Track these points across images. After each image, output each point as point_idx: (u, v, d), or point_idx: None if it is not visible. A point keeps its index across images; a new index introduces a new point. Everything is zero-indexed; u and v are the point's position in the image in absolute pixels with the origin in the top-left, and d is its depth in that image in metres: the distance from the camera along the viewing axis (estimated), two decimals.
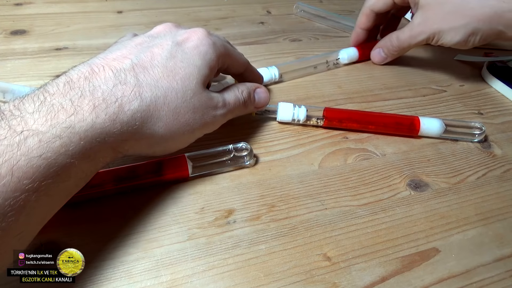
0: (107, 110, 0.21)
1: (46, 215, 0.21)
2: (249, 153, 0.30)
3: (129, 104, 0.22)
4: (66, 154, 0.20)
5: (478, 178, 0.32)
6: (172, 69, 0.25)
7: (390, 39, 0.43)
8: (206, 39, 0.27)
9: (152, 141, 0.24)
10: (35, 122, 0.19)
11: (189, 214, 0.27)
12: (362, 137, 0.35)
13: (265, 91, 0.33)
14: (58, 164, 0.19)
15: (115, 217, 0.26)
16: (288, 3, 0.60)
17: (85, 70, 0.23)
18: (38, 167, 0.18)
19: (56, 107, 0.20)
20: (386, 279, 0.24)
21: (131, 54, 0.25)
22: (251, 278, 0.23)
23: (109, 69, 0.23)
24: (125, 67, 0.23)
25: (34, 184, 0.18)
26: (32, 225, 0.20)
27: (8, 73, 0.39)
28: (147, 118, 0.23)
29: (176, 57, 0.25)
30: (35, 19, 0.49)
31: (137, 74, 0.23)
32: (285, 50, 0.48)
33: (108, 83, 0.22)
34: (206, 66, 0.26)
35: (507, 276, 0.25)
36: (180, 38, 0.26)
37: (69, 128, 0.20)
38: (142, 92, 0.23)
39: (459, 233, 0.28)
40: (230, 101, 0.29)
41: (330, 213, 0.28)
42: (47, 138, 0.19)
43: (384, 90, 0.42)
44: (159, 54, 0.25)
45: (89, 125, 0.20)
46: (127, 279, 0.23)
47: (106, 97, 0.22)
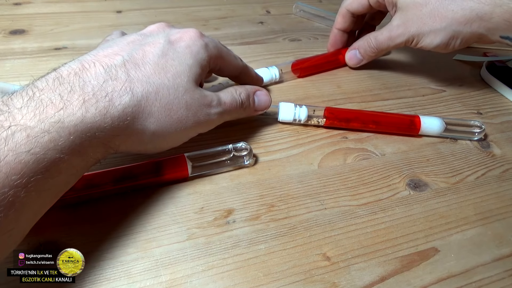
0: (97, 105, 0.21)
1: (37, 212, 0.21)
2: (249, 153, 0.30)
3: (120, 99, 0.22)
4: (55, 149, 0.19)
5: (477, 178, 0.33)
6: (164, 67, 0.25)
7: (367, 40, 0.42)
8: (198, 40, 0.27)
9: (143, 137, 0.24)
10: (23, 117, 0.19)
11: (188, 214, 0.27)
12: (361, 137, 0.35)
13: (266, 93, 0.33)
14: (47, 159, 0.19)
15: (115, 217, 0.26)
16: (287, 3, 0.60)
17: (76, 66, 0.22)
18: (26, 163, 0.18)
19: (45, 102, 0.20)
20: (385, 278, 0.24)
21: (122, 51, 0.25)
22: (250, 278, 0.24)
23: (100, 65, 0.23)
24: (116, 63, 0.23)
25: (23, 180, 0.18)
26: (22, 222, 0.19)
27: (7, 73, 0.39)
28: (138, 113, 0.23)
29: (168, 55, 0.25)
30: (34, 19, 0.49)
31: (128, 70, 0.23)
32: (284, 50, 0.48)
33: (99, 79, 0.22)
34: (198, 65, 0.26)
35: (506, 275, 0.25)
36: (173, 38, 0.27)
37: (58, 123, 0.20)
38: (133, 87, 0.23)
39: (458, 232, 0.28)
40: (226, 100, 0.29)
41: (329, 213, 0.28)
42: (35, 133, 0.19)
43: (384, 90, 0.43)
44: (151, 52, 0.25)
45: (79, 120, 0.20)
46: (127, 279, 0.23)
47: (96, 92, 0.21)
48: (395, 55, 0.50)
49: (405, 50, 0.52)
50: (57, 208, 0.26)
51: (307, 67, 0.44)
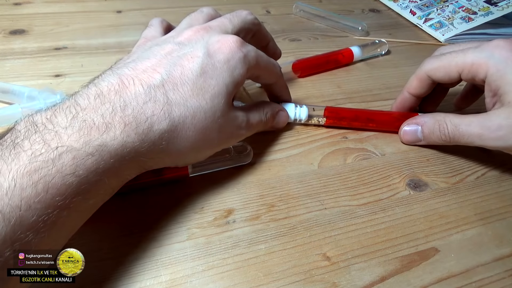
0: (137, 129, 0.21)
1: (73, 230, 0.21)
2: (249, 152, 0.30)
3: (158, 124, 0.22)
4: (96, 172, 0.20)
5: (477, 178, 0.33)
6: (202, 87, 0.24)
7: (440, 123, 0.32)
8: (238, 52, 0.26)
9: (175, 158, 0.25)
10: (69, 138, 0.19)
11: (188, 214, 0.27)
12: (361, 137, 0.35)
13: (286, 115, 0.33)
14: (89, 181, 0.19)
15: (115, 217, 0.26)
16: (287, 3, 0.60)
17: (115, 82, 0.22)
18: (70, 184, 0.18)
19: (88, 123, 0.20)
20: (385, 278, 0.24)
21: (160, 67, 0.24)
22: (250, 278, 0.24)
23: (139, 84, 0.23)
24: (155, 83, 0.23)
25: (66, 201, 0.18)
26: (60, 239, 0.20)
27: (7, 73, 0.39)
28: (174, 138, 0.23)
29: (207, 73, 0.24)
30: (34, 19, 0.49)
31: (167, 91, 0.23)
32: (284, 50, 0.48)
33: (139, 100, 0.22)
34: (234, 84, 0.26)
35: (506, 275, 0.25)
36: (212, 49, 0.25)
37: (101, 146, 0.20)
38: (171, 111, 0.23)
39: (458, 232, 0.28)
40: (254, 122, 0.29)
41: (329, 212, 0.28)
42: (81, 155, 0.19)
43: (384, 90, 0.43)
44: (189, 69, 0.24)
45: (120, 144, 0.20)
46: (127, 279, 0.23)
47: (136, 115, 0.21)
48: (395, 55, 0.50)
49: (405, 50, 0.52)
50: None
51: (308, 67, 0.44)
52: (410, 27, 0.58)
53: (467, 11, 0.56)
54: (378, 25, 0.58)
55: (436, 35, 0.55)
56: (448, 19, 0.56)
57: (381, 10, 0.63)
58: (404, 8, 0.62)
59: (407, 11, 0.61)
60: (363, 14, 0.61)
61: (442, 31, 0.55)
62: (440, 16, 0.57)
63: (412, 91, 0.35)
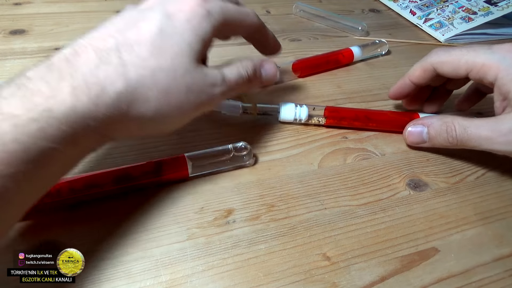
0: (88, 93, 0.20)
1: (28, 202, 0.20)
2: (249, 152, 0.30)
3: (112, 86, 0.21)
4: (45, 139, 0.18)
5: (477, 178, 0.33)
6: (160, 46, 0.22)
7: (447, 125, 0.31)
8: (199, 9, 0.24)
9: (142, 124, 0.23)
10: (9, 106, 0.18)
11: (188, 214, 0.27)
12: (361, 137, 0.35)
13: (273, 66, 0.30)
14: (37, 149, 0.18)
15: (115, 217, 0.26)
16: (287, 3, 0.60)
17: (67, 52, 0.21)
18: (13, 152, 0.17)
19: (32, 90, 0.19)
20: (385, 278, 0.24)
21: (116, 32, 0.22)
22: (250, 278, 0.24)
23: (92, 50, 0.21)
24: (108, 46, 0.21)
25: (11, 170, 0.18)
26: (12, 211, 0.19)
27: (7, 73, 0.39)
28: (133, 100, 0.21)
29: (165, 32, 0.23)
30: (34, 19, 0.49)
31: (121, 53, 0.21)
32: (284, 50, 0.47)
33: (90, 65, 0.21)
34: (200, 41, 0.24)
35: (506, 275, 0.25)
36: (171, 9, 0.24)
37: (47, 111, 0.19)
38: (126, 72, 0.21)
39: (458, 232, 0.28)
40: (231, 77, 0.26)
41: (329, 212, 0.28)
42: (22, 122, 0.18)
43: (384, 90, 0.42)
44: (146, 29, 0.23)
45: (69, 108, 0.19)
46: (127, 279, 0.23)
47: (87, 79, 0.20)
48: (395, 55, 0.50)
49: (405, 50, 0.52)
50: (57, 208, 0.26)
51: (308, 67, 0.44)
52: (410, 27, 0.58)
53: (467, 11, 0.57)
54: (378, 25, 0.58)
55: (436, 35, 0.55)
56: (448, 19, 0.56)
57: (381, 10, 0.63)
58: (404, 8, 0.62)
59: (407, 11, 0.61)
60: (363, 14, 0.61)
61: (442, 31, 0.55)
62: (440, 16, 0.57)
63: (414, 79, 0.35)
